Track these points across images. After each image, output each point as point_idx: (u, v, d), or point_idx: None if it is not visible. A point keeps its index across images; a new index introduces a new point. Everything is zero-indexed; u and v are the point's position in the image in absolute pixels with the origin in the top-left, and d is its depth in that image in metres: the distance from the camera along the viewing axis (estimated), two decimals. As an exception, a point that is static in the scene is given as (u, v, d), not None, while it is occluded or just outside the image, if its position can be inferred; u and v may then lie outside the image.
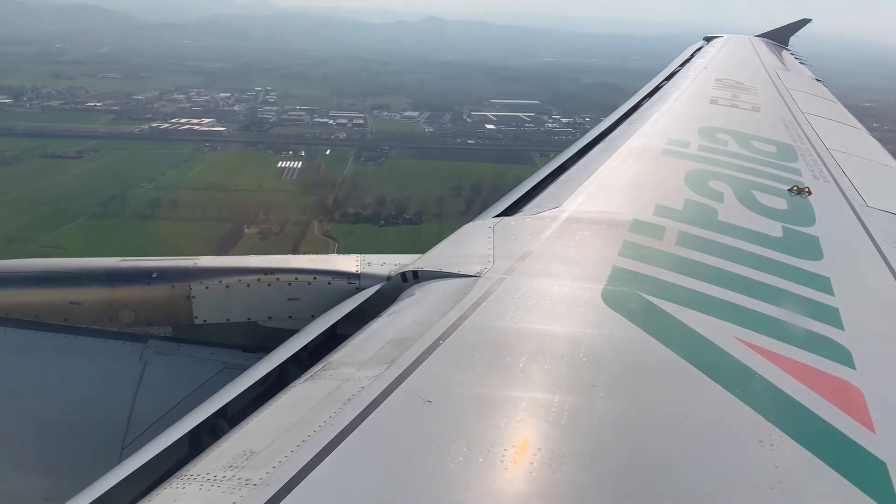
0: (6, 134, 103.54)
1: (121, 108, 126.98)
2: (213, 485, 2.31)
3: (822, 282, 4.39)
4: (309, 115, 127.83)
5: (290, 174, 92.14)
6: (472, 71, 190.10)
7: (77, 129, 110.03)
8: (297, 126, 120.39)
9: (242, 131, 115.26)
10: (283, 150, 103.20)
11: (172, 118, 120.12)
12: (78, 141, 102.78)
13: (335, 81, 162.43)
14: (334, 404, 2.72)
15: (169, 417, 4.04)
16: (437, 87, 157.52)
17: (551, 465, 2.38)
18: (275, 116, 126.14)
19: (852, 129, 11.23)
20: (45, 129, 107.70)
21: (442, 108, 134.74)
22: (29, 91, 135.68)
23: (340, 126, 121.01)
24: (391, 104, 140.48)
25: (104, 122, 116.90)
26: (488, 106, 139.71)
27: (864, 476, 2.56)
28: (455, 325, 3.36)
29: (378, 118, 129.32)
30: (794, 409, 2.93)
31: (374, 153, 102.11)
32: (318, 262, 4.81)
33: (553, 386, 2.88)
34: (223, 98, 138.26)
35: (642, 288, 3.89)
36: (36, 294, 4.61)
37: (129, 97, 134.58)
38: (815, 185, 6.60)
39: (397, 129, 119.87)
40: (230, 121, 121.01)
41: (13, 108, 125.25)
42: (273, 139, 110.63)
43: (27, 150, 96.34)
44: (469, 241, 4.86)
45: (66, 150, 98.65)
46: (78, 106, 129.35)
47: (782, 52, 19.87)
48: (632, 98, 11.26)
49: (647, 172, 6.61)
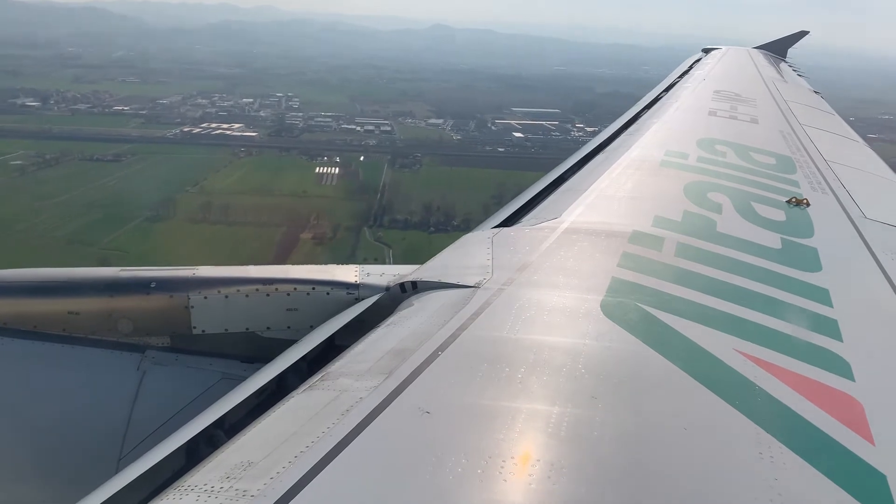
0: (42, 136, 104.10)
1: (149, 113, 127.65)
2: (210, 496, 2.28)
3: (821, 293, 4.33)
4: (335, 121, 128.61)
5: (329, 180, 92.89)
6: (484, 79, 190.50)
7: (109, 132, 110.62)
8: (326, 132, 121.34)
9: (273, 137, 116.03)
10: (317, 156, 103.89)
11: (202, 123, 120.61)
12: (113, 144, 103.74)
13: (353, 88, 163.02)
14: (332, 415, 2.69)
15: (166, 428, 3.99)
16: (455, 95, 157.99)
17: (550, 476, 2.34)
18: (302, 122, 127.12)
19: (851, 141, 11.18)
20: (79, 133, 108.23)
21: (465, 115, 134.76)
22: (54, 94, 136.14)
23: (368, 133, 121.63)
24: (413, 111, 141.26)
25: (135, 126, 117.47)
26: (510, 114, 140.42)
27: (864, 488, 2.53)
28: (454, 335, 3.32)
29: (403, 125, 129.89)
30: (793, 421, 2.89)
31: (407, 160, 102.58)
32: (317, 273, 4.76)
33: (552, 397, 2.84)
34: (247, 104, 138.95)
35: (641, 299, 3.84)
36: (34, 304, 4.57)
37: (153, 101, 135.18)
38: (813, 197, 6.51)
39: (425, 137, 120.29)
40: (259, 126, 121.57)
41: (42, 111, 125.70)
42: (304, 145, 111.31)
43: (66, 152, 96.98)
44: (468, 251, 4.80)
45: (103, 154, 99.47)
46: (106, 109, 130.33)
47: (780, 64, 19.71)
48: (631, 109, 11.18)
49: (645, 184, 6.55)
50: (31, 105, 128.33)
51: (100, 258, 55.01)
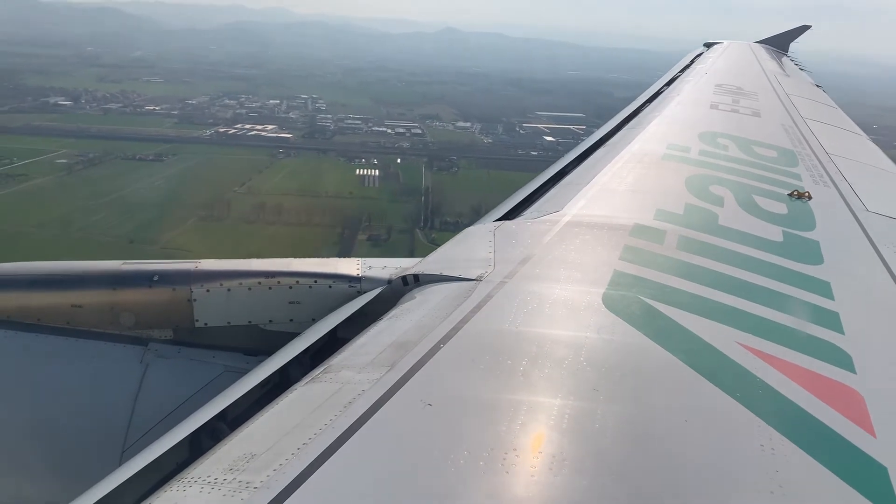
0: (80, 135, 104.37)
1: (180, 113, 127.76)
2: (213, 488, 2.27)
3: (823, 286, 4.29)
4: (364, 123, 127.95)
5: (371, 182, 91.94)
6: (501, 82, 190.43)
7: (146, 132, 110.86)
8: (357, 134, 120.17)
9: (307, 139, 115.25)
10: (354, 158, 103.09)
11: (235, 124, 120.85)
12: (152, 144, 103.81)
13: (372, 90, 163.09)
14: (335, 407, 2.67)
15: (170, 420, 3.99)
16: (475, 98, 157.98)
17: (552, 468, 2.33)
18: (332, 124, 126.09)
19: (852, 134, 11.09)
20: (116, 132, 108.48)
21: (491, 119, 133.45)
22: (84, 94, 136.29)
23: (399, 135, 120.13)
24: (439, 114, 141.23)
25: (169, 126, 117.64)
26: (535, 118, 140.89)
27: (865, 480, 2.50)
28: (456, 328, 3.29)
29: (432, 128, 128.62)
30: (794, 414, 2.86)
31: (444, 163, 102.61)
32: (320, 266, 4.72)
33: (554, 390, 2.81)
34: (274, 105, 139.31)
35: (643, 292, 3.80)
36: (38, 297, 4.56)
37: (182, 102, 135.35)
38: (815, 190, 6.45)
39: (457, 140, 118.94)
40: (291, 128, 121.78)
41: (74, 109, 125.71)
42: (340, 147, 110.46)
43: (107, 151, 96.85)
44: (470, 244, 4.74)
45: (144, 153, 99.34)
46: (137, 109, 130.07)
47: (782, 58, 19.69)
48: (632, 103, 11.02)
49: (647, 177, 6.49)
50: (63, 104, 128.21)
51: (166, 257, 54.98)
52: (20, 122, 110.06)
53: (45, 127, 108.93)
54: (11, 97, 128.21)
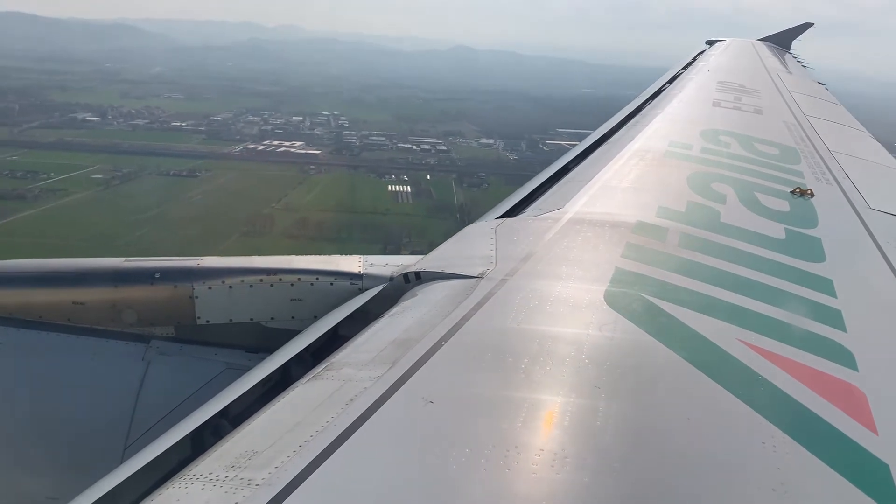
0: (111, 151, 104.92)
1: (207, 129, 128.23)
2: (215, 485, 2.26)
3: (825, 284, 4.26)
4: (389, 140, 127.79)
5: (404, 198, 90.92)
6: (517, 100, 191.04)
7: (176, 148, 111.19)
8: (383, 151, 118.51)
9: (335, 155, 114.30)
10: (384, 175, 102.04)
11: (263, 140, 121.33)
12: (183, 160, 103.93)
13: (392, 107, 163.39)
14: (336, 405, 2.65)
15: (171, 417, 3.97)
16: (494, 115, 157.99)
17: (553, 465, 2.31)
18: (358, 141, 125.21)
19: (855, 131, 11.01)
20: (147, 148, 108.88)
21: (513, 136, 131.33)
22: (110, 110, 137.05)
23: (425, 152, 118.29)
24: (461, 131, 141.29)
25: (198, 142, 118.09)
26: (556, 135, 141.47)
27: (867, 478, 2.49)
28: (457, 326, 3.27)
29: (456, 144, 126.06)
30: (796, 411, 2.84)
31: (473, 179, 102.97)
32: (321, 263, 4.69)
33: (555, 387, 2.80)
34: (298, 121, 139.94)
35: (645, 289, 3.77)
36: (39, 294, 4.53)
37: (207, 118, 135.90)
38: (817, 188, 6.41)
39: (483, 156, 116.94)
40: (318, 144, 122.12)
41: (102, 125, 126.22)
42: (368, 163, 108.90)
43: (141, 167, 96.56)
44: (471, 242, 4.70)
45: (178, 169, 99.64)
46: (164, 125, 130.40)
47: (785, 56, 19.67)
48: (634, 100, 10.93)
49: (649, 174, 6.43)
50: (90, 120, 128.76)
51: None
52: (52, 138, 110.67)
53: (76, 142, 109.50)
54: (39, 113, 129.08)
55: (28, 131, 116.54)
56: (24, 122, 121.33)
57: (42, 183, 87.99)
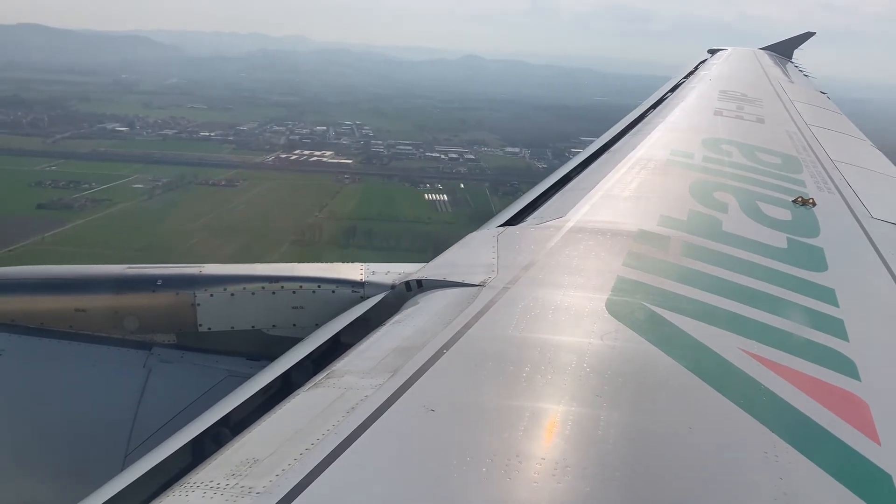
0: (146, 161, 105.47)
1: (236, 139, 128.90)
2: (216, 493, 2.23)
3: (827, 293, 4.22)
4: (416, 149, 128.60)
5: (443, 207, 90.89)
6: (531, 109, 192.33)
7: (208, 158, 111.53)
8: (412, 160, 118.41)
9: (366, 164, 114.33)
10: (418, 184, 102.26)
11: (290, 149, 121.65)
12: (218, 170, 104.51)
13: (411, 116, 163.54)
14: (338, 413, 2.63)
15: (172, 425, 3.91)
16: (513, 124, 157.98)
17: (555, 475, 2.28)
18: (385, 150, 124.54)
19: (857, 140, 10.95)
20: (181, 157, 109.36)
21: (537, 144, 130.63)
22: (136, 120, 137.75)
23: (454, 161, 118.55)
24: (485, 140, 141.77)
25: (229, 152, 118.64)
26: (578, 143, 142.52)
27: (870, 488, 2.45)
28: (459, 334, 3.25)
29: (483, 153, 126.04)
30: (798, 421, 2.80)
31: (506, 188, 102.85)
32: (323, 271, 4.67)
33: (557, 396, 2.76)
34: (322, 131, 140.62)
35: (647, 298, 3.74)
36: (41, 301, 4.52)
37: (233, 128, 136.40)
38: (819, 197, 6.36)
39: (512, 165, 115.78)
40: (347, 153, 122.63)
41: (132, 135, 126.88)
42: (400, 172, 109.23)
43: (179, 177, 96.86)
44: (473, 250, 4.71)
45: (216, 179, 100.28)
46: (193, 135, 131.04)
47: (786, 65, 19.61)
48: (636, 109, 10.94)
49: (651, 183, 6.39)
50: (120, 130, 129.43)
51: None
52: (86, 148, 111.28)
53: (110, 153, 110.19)
54: (67, 123, 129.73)
55: (61, 142, 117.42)
56: (55, 133, 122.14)
57: (86, 193, 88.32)
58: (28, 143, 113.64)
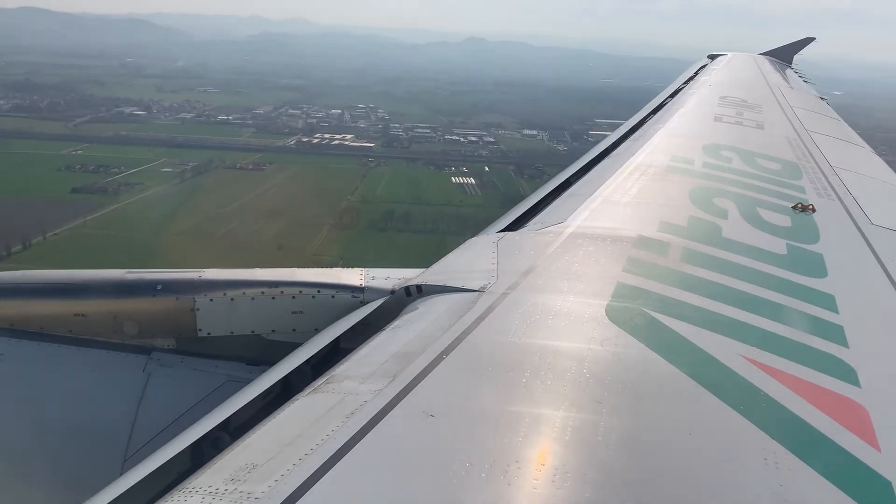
0: (169, 145, 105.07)
1: (254, 123, 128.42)
2: (214, 498, 2.23)
3: (827, 299, 4.20)
4: (433, 132, 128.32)
5: (471, 190, 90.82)
6: (541, 91, 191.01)
7: (230, 142, 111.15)
8: (432, 143, 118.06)
9: (388, 148, 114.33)
10: (443, 167, 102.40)
11: (307, 133, 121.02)
12: (242, 153, 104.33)
13: (423, 100, 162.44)
14: (337, 418, 2.62)
15: (171, 430, 3.90)
16: (525, 107, 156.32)
17: (554, 480, 2.28)
18: (404, 133, 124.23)
19: (857, 147, 10.90)
20: (205, 141, 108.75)
21: (554, 127, 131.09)
22: (151, 104, 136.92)
23: (473, 143, 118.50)
24: (501, 123, 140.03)
25: (249, 136, 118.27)
26: (595, 125, 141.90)
27: (870, 495, 2.44)
28: (458, 339, 3.24)
29: (502, 136, 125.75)
30: (798, 427, 2.79)
31: (531, 171, 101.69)
32: (323, 276, 4.62)
33: (556, 402, 2.75)
34: (337, 114, 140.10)
35: (646, 304, 3.73)
36: (41, 305, 4.50)
37: (249, 112, 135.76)
38: (819, 203, 6.32)
39: (532, 148, 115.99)
40: (366, 137, 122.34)
41: (150, 119, 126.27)
42: (422, 156, 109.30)
43: (206, 161, 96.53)
44: (473, 255, 4.68)
45: (243, 162, 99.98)
46: (210, 119, 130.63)
47: (786, 71, 19.35)
48: (636, 115, 10.91)
49: (651, 189, 6.36)
50: (138, 114, 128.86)
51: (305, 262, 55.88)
52: (108, 132, 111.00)
53: (133, 136, 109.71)
54: (84, 107, 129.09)
55: (82, 126, 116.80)
56: (74, 117, 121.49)
57: (117, 177, 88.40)
58: (49, 128, 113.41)
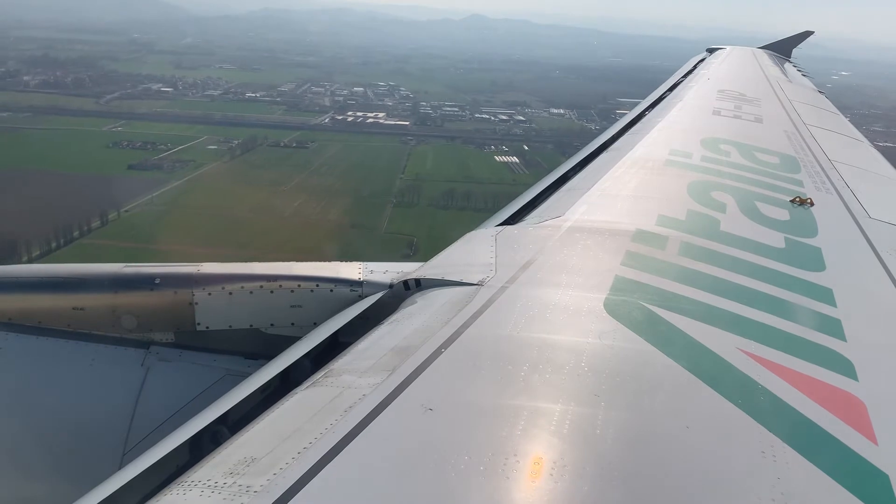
0: (207, 122, 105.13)
1: (284, 101, 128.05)
2: (213, 491, 2.25)
3: (825, 293, 4.24)
4: (461, 110, 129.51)
5: (517, 168, 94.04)
6: (550, 68, 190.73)
7: (266, 119, 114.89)
8: (463, 121, 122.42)
9: (421, 126, 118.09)
10: (482, 146, 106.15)
11: (345, 111, 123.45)
12: (281, 131, 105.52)
13: (440, 77, 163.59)
14: (335, 412, 2.64)
15: (170, 423, 3.89)
16: (543, 85, 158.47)
17: (553, 474, 2.30)
18: (433, 111, 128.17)
19: (855, 140, 10.93)
20: (240, 119, 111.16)
21: (579, 105, 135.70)
22: (177, 80, 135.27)
23: (504, 122, 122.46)
24: (525, 101, 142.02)
25: (282, 113, 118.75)
26: (618, 104, 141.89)
27: (867, 488, 2.48)
28: (457, 333, 3.26)
29: (531, 115, 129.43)
30: (796, 421, 2.83)
31: (571, 149, 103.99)
32: (321, 270, 4.65)
33: (555, 395, 2.78)
34: (361, 92, 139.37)
35: (644, 298, 3.76)
36: (39, 299, 4.49)
37: (275, 89, 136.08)
38: (817, 197, 6.36)
39: (564, 126, 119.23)
40: (397, 115, 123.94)
41: (178, 96, 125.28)
42: (458, 134, 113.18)
43: (249, 138, 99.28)
44: (471, 249, 4.71)
45: (286, 140, 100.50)
46: (239, 96, 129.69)
47: (785, 64, 19.33)
48: (635, 108, 11.08)
49: (649, 182, 6.41)
50: (165, 91, 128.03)
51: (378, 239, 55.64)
52: (142, 109, 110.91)
53: (168, 113, 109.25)
54: (110, 83, 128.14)
55: (113, 102, 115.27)
56: (102, 94, 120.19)
57: (165, 154, 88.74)
58: (82, 104, 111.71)
